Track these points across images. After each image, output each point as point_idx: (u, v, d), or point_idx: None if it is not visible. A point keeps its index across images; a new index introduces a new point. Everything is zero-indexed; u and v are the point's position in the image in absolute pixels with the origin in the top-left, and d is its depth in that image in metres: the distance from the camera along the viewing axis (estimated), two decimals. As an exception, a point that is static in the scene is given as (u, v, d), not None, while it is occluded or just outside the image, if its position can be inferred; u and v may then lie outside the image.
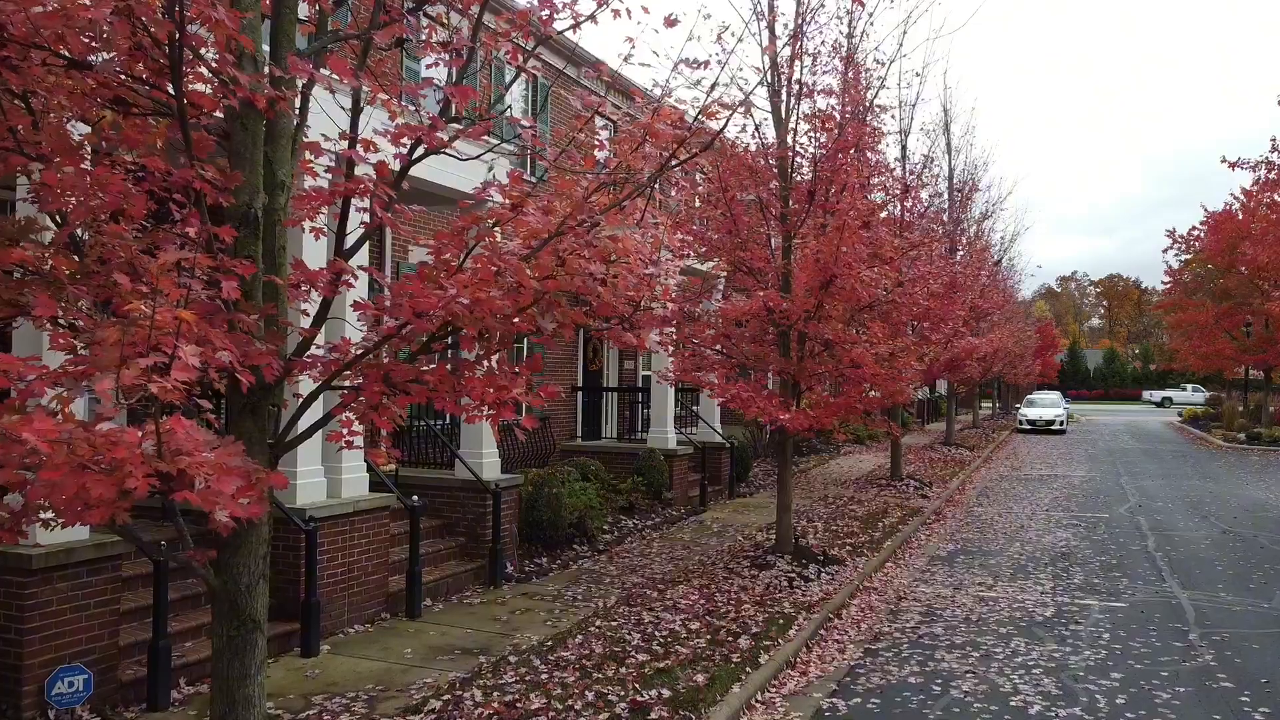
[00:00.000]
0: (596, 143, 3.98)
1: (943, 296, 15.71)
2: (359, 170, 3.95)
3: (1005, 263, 28.45)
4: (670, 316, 8.87)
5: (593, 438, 17.36)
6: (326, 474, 7.97)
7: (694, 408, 17.81)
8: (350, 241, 3.84)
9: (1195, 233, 36.85)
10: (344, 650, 7.42)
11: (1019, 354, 34.56)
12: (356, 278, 3.71)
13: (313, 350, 4.02)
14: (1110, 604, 9.74)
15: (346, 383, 3.98)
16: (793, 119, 10.40)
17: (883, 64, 10.92)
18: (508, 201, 3.86)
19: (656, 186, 4.60)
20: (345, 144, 3.66)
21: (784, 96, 10.41)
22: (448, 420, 11.50)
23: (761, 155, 10.49)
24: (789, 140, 10.39)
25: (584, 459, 13.95)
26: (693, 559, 11.15)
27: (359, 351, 3.85)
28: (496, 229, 3.86)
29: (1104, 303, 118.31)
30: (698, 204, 11.14)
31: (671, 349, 10.64)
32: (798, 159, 10.39)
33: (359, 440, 3.76)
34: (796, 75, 10.25)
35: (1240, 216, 32.13)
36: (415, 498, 8.74)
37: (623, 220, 4.04)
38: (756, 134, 10.48)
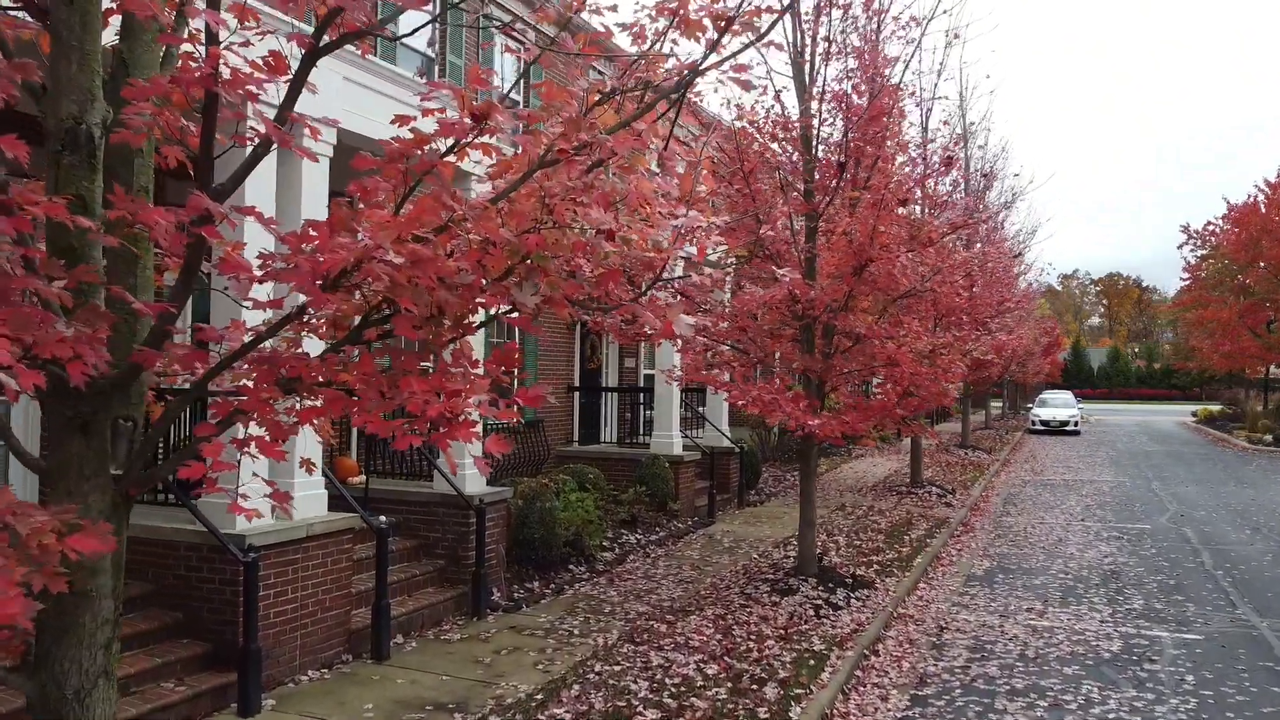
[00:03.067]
0: (601, 27, 2.69)
1: (970, 287, 14.45)
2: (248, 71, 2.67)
3: (1025, 257, 27.19)
4: (691, 294, 7.56)
5: (591, 442, 16.03)
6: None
7: (699, 409, 16.52)
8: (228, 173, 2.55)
9: (1211, 227, 35.72)
10: (291, 705, 6.15)
11: (1032, 352, 33.33)
12: (235, 225, 2.44)
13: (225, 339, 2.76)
14: (1183, 635, 8.52)
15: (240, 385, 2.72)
16: (819, 83, 9.13)
17: (919, 22, 9.62)
18: (467, 118, 2.59)
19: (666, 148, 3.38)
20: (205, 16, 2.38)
21: (809, 57, 9.14)
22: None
23: (783, 125, 9.21)
24: (814, 108, 9.12)
25: (581, 466, 12.64)
26: (704, 581, 9.89)
27: (249, 338, 2.59)
28: (452, 157, 2.59)
29: (1104, 301, 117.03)
30: (703, 189, 9.84)
31: (680, 344, 9.37)
32: (824, 128, 9.12)
33: (225, 476, 2.48)
34: (823, 32, 8.99)
35: (1264, 209, 30.89)
36: (384, 517, 7.47)
37: (635, 150, 2.78)
38: (778, 100, 9.21)
